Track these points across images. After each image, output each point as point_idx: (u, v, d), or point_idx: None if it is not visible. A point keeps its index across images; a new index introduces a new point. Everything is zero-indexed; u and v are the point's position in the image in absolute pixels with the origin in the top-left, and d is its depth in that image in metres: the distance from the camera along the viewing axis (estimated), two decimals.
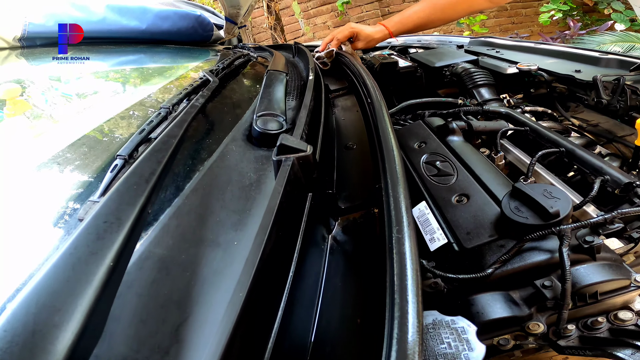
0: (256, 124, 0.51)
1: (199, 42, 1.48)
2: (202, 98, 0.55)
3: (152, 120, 0.50)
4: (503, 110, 0.92)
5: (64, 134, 0.57)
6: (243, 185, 0.42)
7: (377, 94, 0.61)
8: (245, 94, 0.71)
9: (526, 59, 1.24)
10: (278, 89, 0.61)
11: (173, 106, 0.55)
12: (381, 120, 0.50)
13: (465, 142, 0.76)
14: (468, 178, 0.61)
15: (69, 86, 0.92)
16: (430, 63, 1.22)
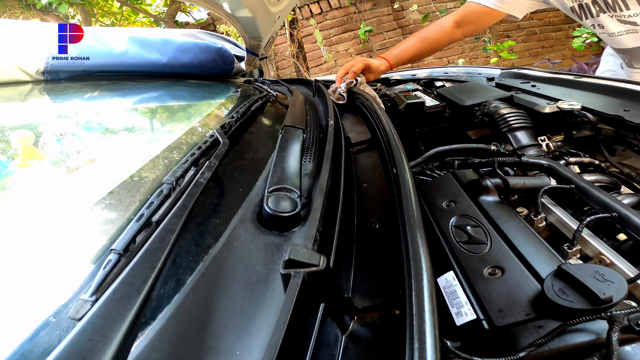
0: (267, 204, 0.45)
1: (220, 75, 1.46)
2: (208, 171, 0.50)
3: (153, 202, 0.45)
4: (545, 162, 0.80)
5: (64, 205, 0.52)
6: (250, 281, 0.37)
7: (404, 163, 0.54)
8: (260, 152, 0.65)
9: (566, 94, 1.13)
10: (293, 153, 0.55)
11: (177, 180, 0.49)
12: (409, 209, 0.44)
13: (500, 202, 0.67)
14: (503, 247, 0.53)
15: (84, 129, 0.89)
16: (459, 101, 1.14)
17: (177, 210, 0.40)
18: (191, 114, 0.93)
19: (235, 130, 0.66)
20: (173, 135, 0.77)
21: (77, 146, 0.79)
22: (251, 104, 0.79)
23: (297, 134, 0.61)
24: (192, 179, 0.50)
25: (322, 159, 0.54)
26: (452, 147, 1.00)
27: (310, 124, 0.74)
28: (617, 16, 1.26)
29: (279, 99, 1.06)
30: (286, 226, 0.43)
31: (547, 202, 0.72)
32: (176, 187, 0.50)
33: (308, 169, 0.59)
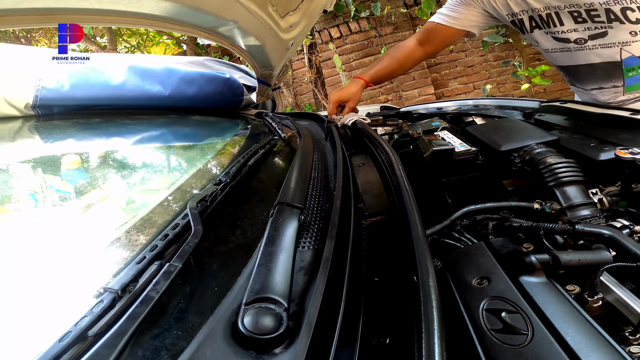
0: (242, 322, 0.33)
1: (229, 108, 1.36)
2: (165, 280, 0.38)
3: (86, 316, 0.35)
4: (606, 232, 0.64)
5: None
6: None
7: (428, 266, 0.39)
8: (245, 239, 0.51)
9: (622, 136, 0.95)
10: (284, 248, 0.41)
11: (126, 287, 0.38)
12: (430, 340, 0.31)
13: (547, 283, 0.53)
14: (549, 341, 0.44)
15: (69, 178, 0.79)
16: (494, 145, 0.97)
17: (118, 332, 0.32)
18: (183, 162, 0.81)
19: (218, 204, 0.53)
20: (154, 196, 0.65)
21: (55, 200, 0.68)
22: (247, 159, 0.65)
23: (293, 216, 0.47)
24: (144, 286, 0.39)
25: (324, 246, 0.41)
26: (486, 206, 0.83)
27: (316, 186, 0.59)
28: (551, 32, 1.25)
29: (285, 144, 0.93)
30: (266, 348, 0.33)
31: (605, 279, 0.58)
32: (123, 295, 0.38)
33: (305, 259, 0.45)
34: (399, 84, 4.02)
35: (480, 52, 4.00)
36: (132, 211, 0.63)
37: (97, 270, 0.47)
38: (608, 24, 1.16)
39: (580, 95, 1.45)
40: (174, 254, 0.43)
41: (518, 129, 1.06)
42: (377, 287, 0.49)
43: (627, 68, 1.28)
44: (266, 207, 0.57)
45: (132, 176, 0.78)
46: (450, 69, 4.11)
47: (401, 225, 0.52)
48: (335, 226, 0.45)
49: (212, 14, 0.89)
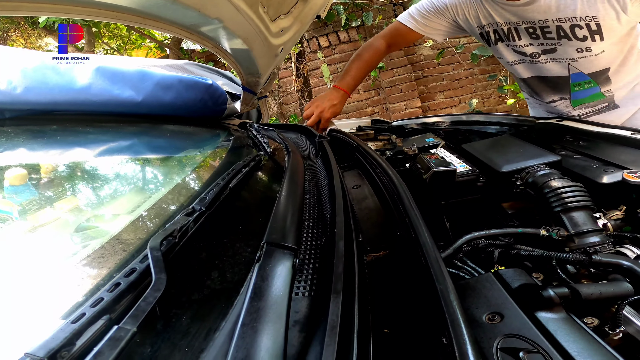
0: None
1: (210, 117, 1.24)
2: (111, 350, 0.28)
3: None
4: (625, 263, 0.60)
5: None
6: None
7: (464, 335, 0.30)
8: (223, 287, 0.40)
9: (625, 157, 0.91)
10: (276, 302, 0.32)
11: (56, 353, 0.28)
12: None
13: (567, 318, 0.49)
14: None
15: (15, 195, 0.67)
16: (495, 166, 0.91)
17: None
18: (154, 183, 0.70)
19: (188, 242, 0.42)
20: (112, 224, 0.53)
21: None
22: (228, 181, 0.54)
23: (285, 260, 0.37)
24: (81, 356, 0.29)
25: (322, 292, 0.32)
26: (492, 233, 0.76)
27: (308, 217, 0.50)
28: (511, 45, 1.32)
29: (273, 154, 0.83)
30: None
31: (626, 311, 0.56)
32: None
33: (300, 310, 0.36)
34: (386, 96, 3.99)
35: (467, 65, 4.03)
36: (79, 243, 0.52)
37: (16, 328, 0.36)
38: (557, 41, 1.23)
39: (537, 107, 1.52)
40: (125, 312, 0.33)
41: (518, 148, 1.01)
42: (388, 340, 0.40)
43: (574, 83, 1.36)
44: (251, 242, 0.47)
45: (88, 196, 0.67)
46: (437, 82, 4.12)
47: (419, 271, 0.43)
48: (341, 278, 0.35)
49: (194, 8, 0.79)
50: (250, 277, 0.36)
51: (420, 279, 0.43)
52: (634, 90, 1.35)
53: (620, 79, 1.32)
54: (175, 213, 0.52)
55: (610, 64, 1.27)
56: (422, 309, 0.43)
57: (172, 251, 0.41)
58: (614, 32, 1.18)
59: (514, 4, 1.19)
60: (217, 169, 0.76)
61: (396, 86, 3.95)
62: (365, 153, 0.80)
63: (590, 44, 1.20)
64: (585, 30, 1.18)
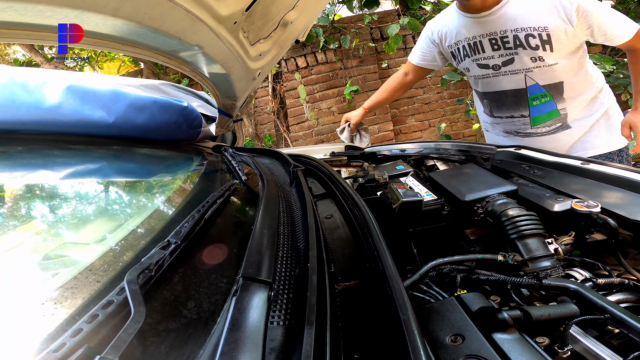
0: None
1: (184, 140, 1.24)
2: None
3: None
4: (572, 287, 0.67)
5: None
6: None
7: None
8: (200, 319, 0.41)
9: (575, 186, 0.99)
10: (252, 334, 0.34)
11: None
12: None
13: (520, 339, 0.53)
14: None
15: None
16: (459, 195, 0.97)
17: None
18: (121, 212, 0.69)
19: (164, 275, 0.43)
20: (80, 254, 0.53)
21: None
22: (204, 212, 0.55)
23: (261, 293, 0.39)
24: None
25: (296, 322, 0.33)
26: (454, 259, 0.81)
27: (282, 249, 0.52)
28: (476, 60, 1.47)
29: (248, 181, 0.85)
30: None
31: (573, 330, 0.62)
32: None
33: (275, 339, 0.38)
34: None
35: (437, 89, 4.23)
36: (47, 271, 0.51)
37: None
38: (514, 50, 1.38)
39: (496, 127, 1.67)
40: (105, 342, 0.33)
41: (480, 177, 1.08)
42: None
43: (532, 97, 1.49)
44: (226, 274, 0.48)
45: (55, 223, 0.65)
46: (409, 105, 4.29)
47: (385, 301, 0.46)
48: (314, 310, 0.37)
49: (175, 37, 0.81)
50: (227, 308, 0.38)
51: (386, 308, 0.46)
52: (583, 111, 1.50)
53: (572, 97, 1.46)
54: (149, 244, 0.53)
55: (562, 78, 1.42)
56: (387, 336, 0.46)
57: (148, 283, 0.41)
58: (563, 45, 1.34)
59: (479, 15, 1.36)
60: (191, 196, 0.76)
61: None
62: (338, 184, 0.84)
63: (542, 53, 1.35)
64: (537, 40, 1.33)
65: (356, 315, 0.51)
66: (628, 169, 1.02)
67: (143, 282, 0.41)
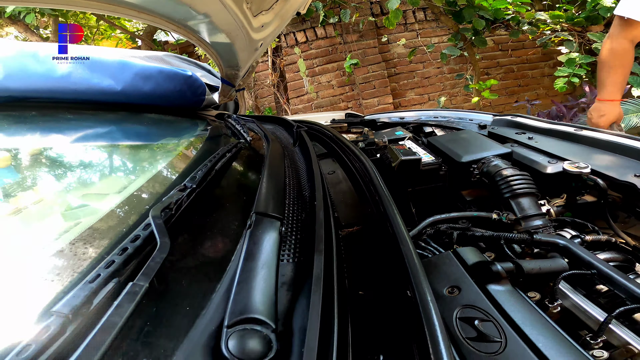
0: (226, 346, 0.30)
1: (188, 107, 1.28)
2: (129, 302, 0.32)
3: (30, 344, 0.28)
4: (561, 242, 0.69)
5: None
6: None
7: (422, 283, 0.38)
8: (218, 252, 0.46)
9: (567, 150, 1.03)
10: (266, 264, 0.38)
11: (79, 310, 0.32)
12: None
13: (513, 290, 0.56)
14: (521, 347, 0.45)
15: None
16: (456, 157, 1.01)
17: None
18: (136, 166, 0.73)
19: (184, 213, 0.47)
20: (103, 203, 0.57)
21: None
22: (214, 163, 0.60)
23: (273, 227, 0.43)
24: (102, 308, 0.33)
25: (305, 259, 0.38)
26: (450, 216, 0.86)
27: (289, 194, 0.56)
28: None
29: (252, 147, 0.89)
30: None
31: (562, 286, 0.63)
32: (74, 320, 0.32)
33: (286, 274, 0.42)
34: (360, 92, 4.09)
35: (437, 64, 4.20)
36: (76, 218, 0.55)
37: (37, 290, 0.40)
38: None
39: None
40: (135, 271, 0.38)
41: (475, 141, 1.11)
42: (363, 301, 0.47)
43: None
44: (237, 217, 0.53)
45: (74, 177, 0.70)
46: (409, 79, 4.27)
47: (387, 239, 0.50)
48: (322, 240, 0.42)
49: (185, 3, 0.83)
50: (242, 242, 0.42)
51: (387, 245, 0.50)
52: None
53: None
54: (166, 191, 0.57)
55: None
56: (389, 271, 0.50)
57: (170, 221, 0.46)
58: None
59: None
60: (200, 153, 0.81)
61: (370, 82, 4.06)
62: (339, 142, 0.88)
63: None
64: None
65: (359, 258, 0.56)
66: (620, 135, 1.05)
67: (165, 218, 0.45)
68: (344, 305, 0.42)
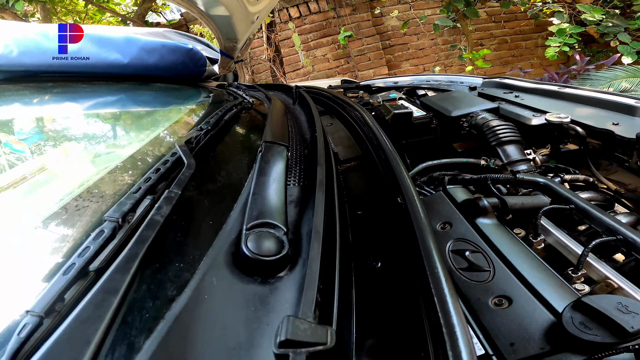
0: (246, 244, 0.35)
1: (190, 78, 1.34)
2: (168, 205, 0.39)
3: (89, 247, 0.34)
4: (541, 180, 0.75)
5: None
6: (228, 347, 0.27)
7: (411, 190, 0.45)
8: (234, 173, 0.54)
9: (551, 105, 1.10)
10: (276, 178, 0.45)
11: (125, 216, 0.39)
12: (425, 243, 0.36)
13: (499, 224, 0.61)
14: (508, 275, 0.49)
15: (23, 138, 0.76)
16: (446, 112, 1.09)
17: (123, 263, 0.31)
18: (152, 122, 0.81)
19: (203, 146, 0.55)
20: (126, 150, 0.65)
21: (10, 159, 0.66)
22: (224, 113, 0.68)
23: (280, 152, 0.51)
24: (145, 214, 0.40)
25: (308, 182, 0.45)
26: (442, 162, 0.94)
27: (292, 137, 0.64)
28: None
29: (255, 106, 0.96)
30: (271, 272, 0.34)
31: (545, 222, 0.67)
32: (123, 225, 0.39)
33: (293, 195, 0.49)
34: (355, 64, 4.11)
35: (430, 35, 4.20)
36: (105, 163, 0.63)
37: (92, 201, 0.47)
38: None
39: None
40: (167, 186, 0.44)
41: (464, 99, 1.19)
42: (361, 218, 0.54)
43: None
44: (247, 155, 0.60)
45: (95, 135, 0.78)
46: (403, 51, 4.28)
47: (381, 163, 0.57)
48: (324, 155, 0.49)
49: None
50: (255, 164, 0.49)
51: (382, 169, 0.56)
52: None
53: None
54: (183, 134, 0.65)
55: None
56: (383, 189, 0.56)
57: (191, 153, 0.53)
58: None
59: None
60: (207, 111, 0.88)
61: (365, 55, 4.08)
62: (336, 98, 0.95)
63: None
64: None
65: (356, 187, 0.63)
66: (601, 91, 1.11)
67: (189, 150, 0.53)
68: (344, 217, 0.50)
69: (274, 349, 0.22)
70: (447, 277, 0.33)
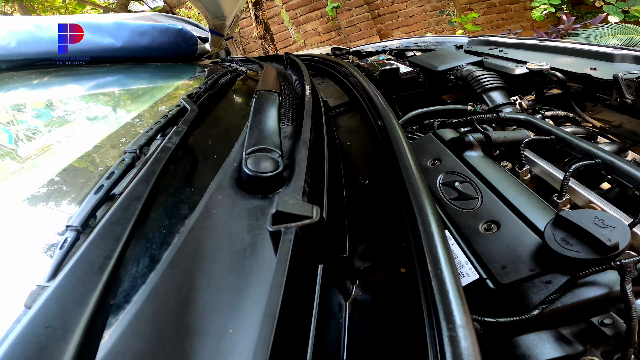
0: (246, 165, 0.40)
1: (183, 57, 1.37)
2: (177, 136, 0.45)
3: (114, 172, 0.40)
4: (522, 117, 0.80)
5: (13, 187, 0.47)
6: (234, 251, 0.33)
7: (389, 115, 0.50)
8: (233, 121, 0.60)
9: (533, 57, 1.15)
10: (270, 115, 0.51)
11: (141, 148, 0.44)
12: (401, 151, 0.40)
13: (484, 157, 0.66)
14: (495, 201, 0.52)
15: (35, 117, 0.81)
16: (432, 67, 1.13)
17: (143, 177, 0.36)
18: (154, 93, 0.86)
19: (204, 100, 0.61)
20: (134, 113, 0.71)
21: (29, 133, 0.72)
22: (220, 76, 0.73)
23: (273, 97, 0.56)
24: (158, 146, 0.45)
25: (301, 121, 0.50)
26: (430, 110, 0.99)
27: (285, 91, 0.69)
28: None
29: (249, 75, 1.01)
30: (269, 188, 0.39)
31: (529, 154, 0.72)
32: (140, 155, 0.45)
33: (287, 131, 0.55)
34: (346, 36, 4.09)
35: (419, 2, 4.15)
36: (117, 124, 0.69)
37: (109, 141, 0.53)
38: None
39: None
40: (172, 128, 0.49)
41: (450, 55, 1.23)
42: (350, 149, 0.60)
43: None
44: (243, 107, 0.66)
45: (106, 103, 0.83)
46: (393, 19, 4.24)
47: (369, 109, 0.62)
48: (311, 103, 0.54)
49: None
50: (251, 108, 0.54)
51: (370, 114, 0.61)
52: None
53: None
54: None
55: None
56: (368, 123, 0.61)
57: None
58: None
59: None
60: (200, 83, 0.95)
61: (355, 25, 4.05)
62: (324, 60, 0.99)
63: None
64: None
65: (346, 127, 0.68)
66: (580, 43, 1.15)
67: (191, 101, 0.58)
68: (334, 146, 0.55)
69: (269, 227, 0.27)
70: (423, 184, 0.37)
